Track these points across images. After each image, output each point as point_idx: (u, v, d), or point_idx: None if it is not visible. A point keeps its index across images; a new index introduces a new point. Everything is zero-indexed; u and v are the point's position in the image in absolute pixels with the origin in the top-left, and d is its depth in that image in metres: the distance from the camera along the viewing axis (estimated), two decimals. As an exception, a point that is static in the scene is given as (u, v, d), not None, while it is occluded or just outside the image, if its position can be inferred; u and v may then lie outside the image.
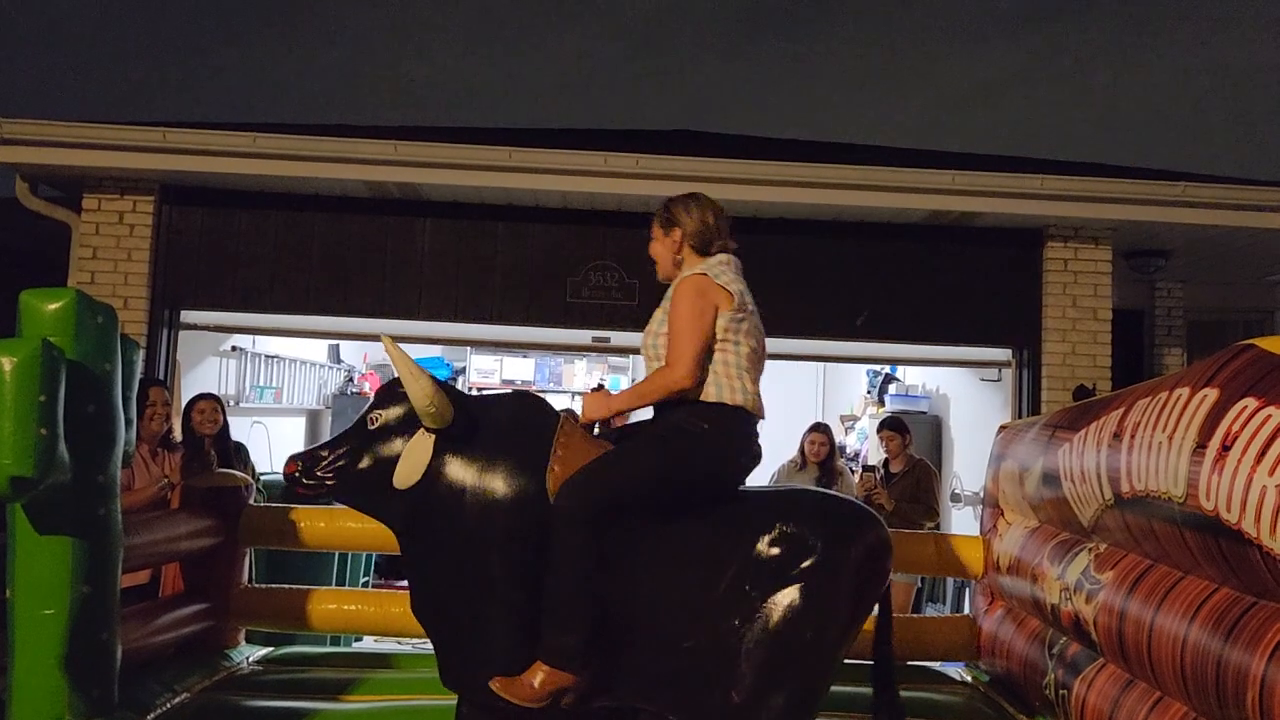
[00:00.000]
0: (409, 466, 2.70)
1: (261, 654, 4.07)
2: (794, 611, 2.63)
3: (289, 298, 6.36)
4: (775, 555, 2.68)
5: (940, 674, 4.14)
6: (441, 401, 2.65)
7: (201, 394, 5.10)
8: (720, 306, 2.73)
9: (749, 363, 2.78)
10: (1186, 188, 6.09)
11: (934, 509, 5.98)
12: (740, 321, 2.76)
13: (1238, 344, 2.33)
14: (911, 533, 4.63)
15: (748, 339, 2.78)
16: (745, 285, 2.85)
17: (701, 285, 2.75)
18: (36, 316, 2.69)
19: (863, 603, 2.78)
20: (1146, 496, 2.50)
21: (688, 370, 2.68)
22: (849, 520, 2.82)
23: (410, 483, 2.71)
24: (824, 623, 2.66)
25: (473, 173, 5.96)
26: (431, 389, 2.64)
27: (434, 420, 2.67)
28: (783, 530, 2.70)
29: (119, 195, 6.16)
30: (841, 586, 2.70)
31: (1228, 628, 2.20)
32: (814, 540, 2.69)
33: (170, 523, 3.69)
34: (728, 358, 2.74)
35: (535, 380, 10.39)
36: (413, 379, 2.64)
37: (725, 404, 2.73)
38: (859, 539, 2.76)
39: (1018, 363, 6.57)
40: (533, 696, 2.54)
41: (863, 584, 2.75)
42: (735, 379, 2.74)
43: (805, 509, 2.81)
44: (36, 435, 2.45)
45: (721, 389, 2.73)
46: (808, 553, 2.68)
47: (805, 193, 6.06)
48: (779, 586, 2.66)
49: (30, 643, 2.68)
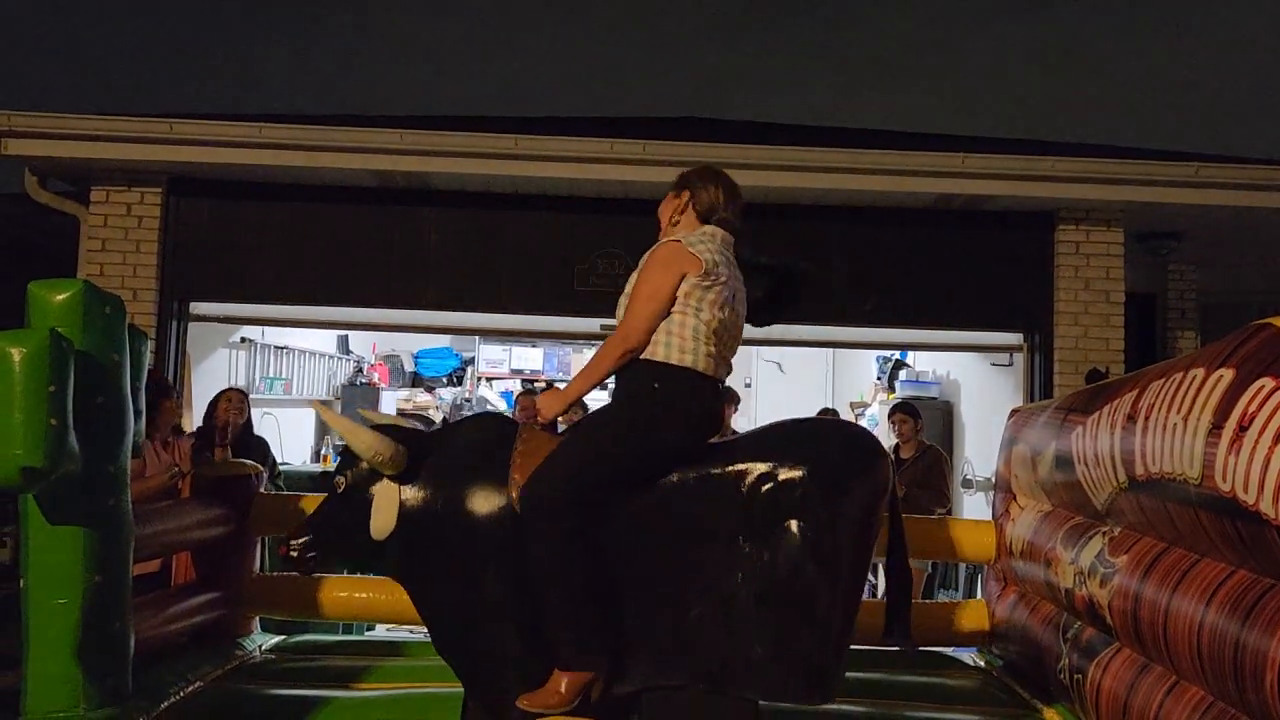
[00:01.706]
0: (381, 517, 2.75)
1: (274, 642, 4.08)
2: (794, 551, 2.57)
3: (297, 288, 6.36)
4: (762, 498, 2.61)
5: (953, 659, 4.13)
6: (387, 448, 2.69)
7: (231, 386, 5.16)
8: (688, 272, 2.70)
9: (711, 331, 2.71)
10: (1199, 168, 6.03)
11: (945, 495, 5.97)
12: (707, 289, 2.70)
13: (1253, 323, 2.30)
14: (923, 518, 4.62)
15: (713, 308, 2.71)
16: (728, 260, 2.80)
17: (671, 251, 2.75)
18: (45, 307, 2.69)
19: (866, 525, 2.69)
20: (1161, 479, 2.48)
21: (636, 332, 2.69)
22: (831, 442, 2.74)
23: (387, 531, 2.75)
24: (828, 555, 2.58)
25: (480, 161, 5.94)
26: (372, 439, 2.69)
27: (388, 467, 2.72)
28: (764, 471, 2.63)
29: (127, 187, 6.16)
30: (838, 512, 2.61)
31: (1245, 610, 2.18)
32: (799, 473, 2.61)
33: (181, 512, 3.70)
34: (686, 320, 2.70)
35: (544, 369, 10.40)
36: (352, 435, 2.72)
37: (671, 363, 2.69)
38: (846, 459, 2.69)
39: (1029, 347, 6.53)
40: (562, 702, 2.52)
41: (862, 504, 2.67)
42: (689, 340, 2.69)
43: (783, 442, 2.73)
44: (46, 426, 2.45)
45: (670, 349, 2.69)
46: (794, 486, 2.60)
47: (813, 177, 6.02)
48: (772, 530, 2.59)
49: (44, 632, 2.68)
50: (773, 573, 2.58)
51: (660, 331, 2.71)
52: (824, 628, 2.59)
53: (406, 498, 2.75)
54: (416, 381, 10.71)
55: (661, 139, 6.01)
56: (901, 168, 6.01)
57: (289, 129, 5.94)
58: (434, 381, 10.67)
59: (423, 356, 10.73)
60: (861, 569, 2.70)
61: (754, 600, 2.59)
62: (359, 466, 2.78)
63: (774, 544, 2.59)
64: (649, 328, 2.70)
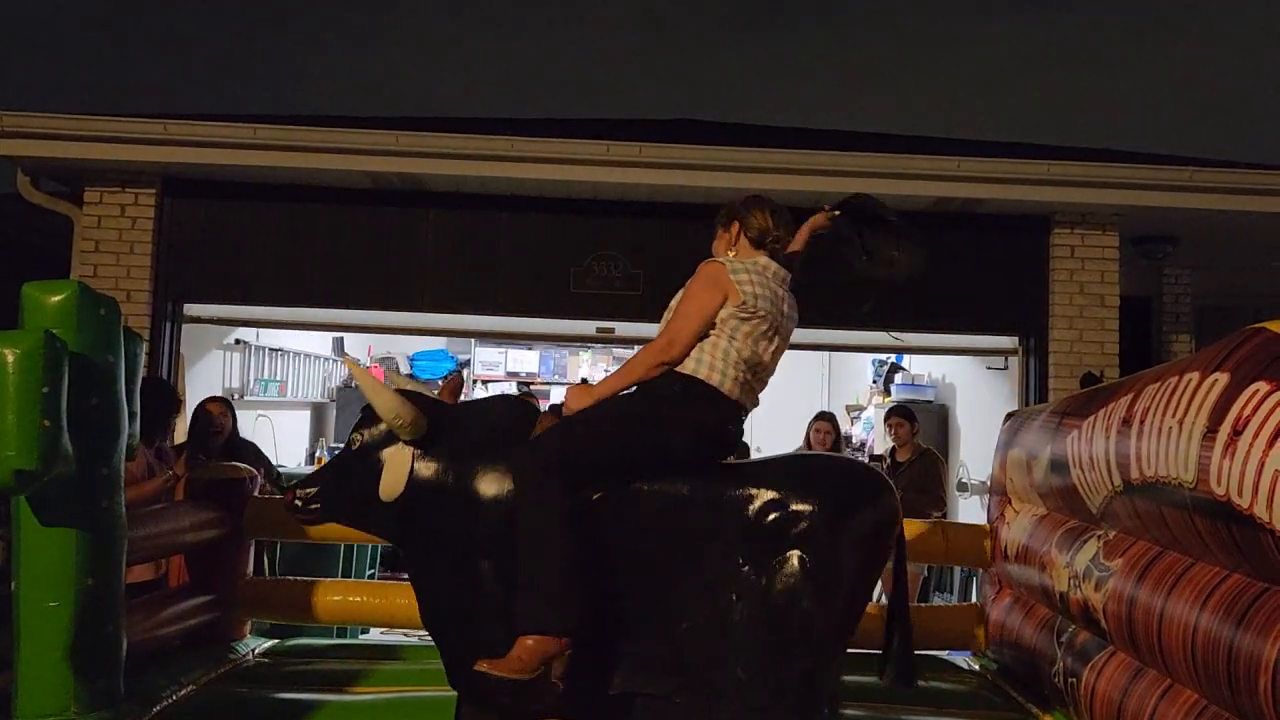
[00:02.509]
0: (391, 479, 2.75)
1: (268, 646, 4.07)
2: (791, 582, 2.58)
3: (292, 290, 6.35)
4: (767, 525, 2.63)
5: (948, 663, 4.13)
6: (408, 413, 2.69)
7: (212, 396, 5.13)
8: (729, 299, 2.75)
9: (742, 359, 2.76)
10: (1194, 172, 6.05)
11: (941, 498, 5.97)
12: (743, 320, 2.75)
13: (1248, 328, 2.30)
14: (919, 521, 4.62)
15: (748, 339, 2.76)
16: (774, 293, 2.83)
17: (716, 272, 2.79)
18: (39, 309, 2.68)
19: (868, 568, 2.71)
20: (1156, 482, 2.48)
21: (677, 345, 2.74)
22: (846, 483, 2.75)
23: (394, 494, 2.75)
24: (825, 592, 2.59)
25: (475, 163, 5.94)
26: (395, 402, 2.69)
27: (406, 432, 2.72)
28: (773, 498, 2.65)
29: (120, 188, 6.15)
30: (841, 553, 2.62)
31: (1239, 614, 2.18)
32: (807, 506, 2.63)
33: (174, 514, 3.69)
34: (719, 343, 2.75)
35: (540, 371, 10.40)
36: (375, 395, 2.72)
37: (699, 377, 2.73)
38: (858, 502, 2.70)
39: (1024, 350, 6.54)
40: (520, 668, 2.48)
41: (866, 548, 2.68)
42: (719, 361, 2.74)
43: (798, 474, 2.75)
44: (40, 427, 2.44)
45: (700, 364, 2.74)
46: (800, 520, 2.62)
47: (809, 180, 6.02)
48: (773, 558, 2.61)
49: (35, 635, 2.67)
50: (767, 599, 2.60)
51: (696, 349, 2.76)
52: (812, 659, 2.60)
53: (419, 466, 2.75)
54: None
55: (658, 141, 6.01)
56: (897, 171, 6.01)
57: (284, 130, 5.93)
58: (429, 384, 10.63)
59: (418, 359, 10.72)
60: (857, 609, 2.72)
61: (745, 622, 2.60)
62: (377, 427, 2.78)
63: (772, 571, 2.61)
64: (690, 343, 2.75)
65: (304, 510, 2.84)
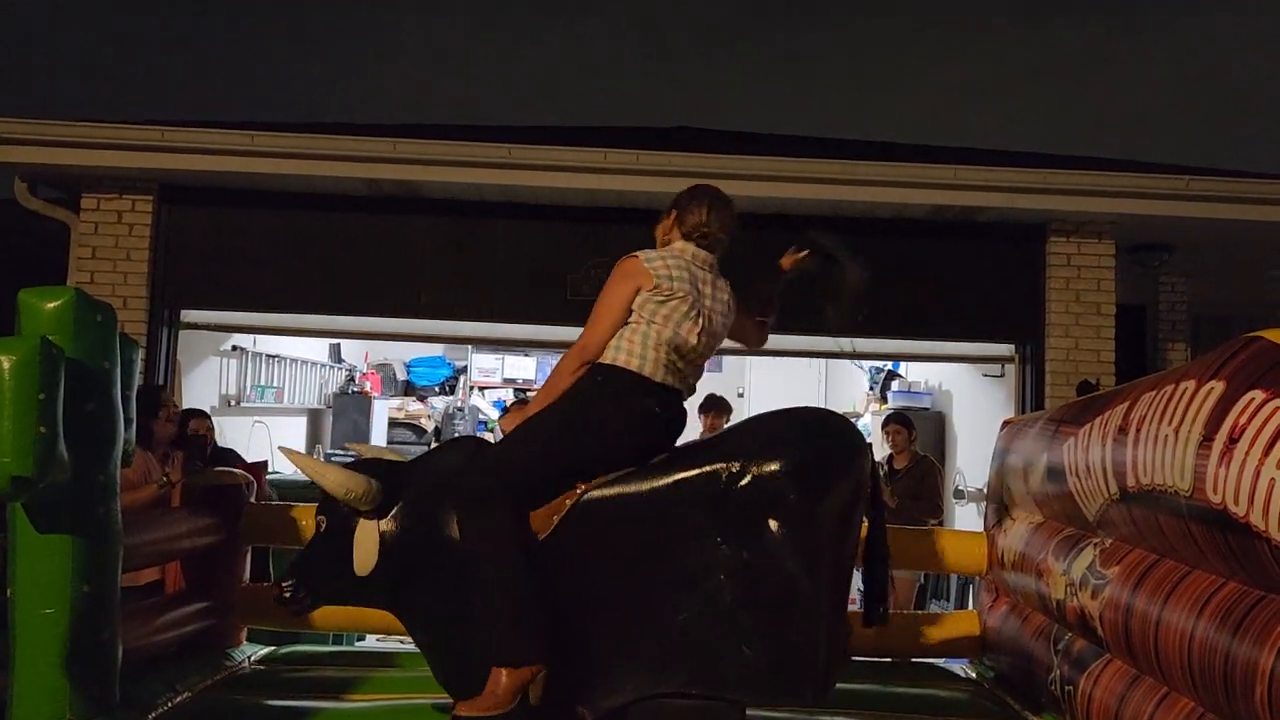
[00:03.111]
0: (363, 553, 2.75)
1: (264, 653, 4.06)
2: (773, 548, 2.53)
3: (289, 296, 6.35)
4: (736, 495, 2.57)
5: (945, 670, 4.13)
6: (358, 484, 2.69)
7: (193, 409, 5.16)
8: (641, 286, 2.76)
9: (663, 341, 2.74)
10: (1190, 181, 6.07)
11: (938, 505, 5.97)
12: (660, 303, 2.75)
13: (1244, 336, 2.31)
14: (915, 529, 4.62)
15: (668, 321, 2.75)
16: (693, 275, 2.82)
17: (626, 267, 2.80)
18: (35, 315, 2.68)
19: (846, 519, 2.65)
20: (1153, 490, 2.48)
21: (593, 343, 2.77)
22: (807, 434, 2.67)
23: (369, 567, 2.75)
24: (809, 549, 2.53)
25: (472, 170, 5.95)
26: (343, 477, 2.69)
27: (364, 503, 2.72)
28: (737, 468, 2.59)
29: (118, 195, 6.15)
30: (816, 508, 2.56)
31: (1235, 622, 2.18)
32: (772, 467, 2.56)
33: (171, 521, 3.68)
34: (637, 328, 2.76)
35: (537, 378, 10.39)
36: (321, 475, 2.71)
37: (618, 365, 2.74)
38: (824, 451, 2.64)
39: (1021, 358, 6.55)
40: (498, 704, 2.49)
41: (841, 498, 2.61)
42: (638, 346, 2.74)
43: (756, 436, 2.69)
44: (36, 433, 2.43)
45: (619, 351, 2.76)
46: (768, 483, 2.55)
47: (805, 188, 6.04)
48: (750, 528, 2.55)
49: (31, 642, 2.67)
50: (753, 571, 2.55)
51: (614, 338, 2.78)
52: (811, 622, 2.54)
53: (385, 530, 2.74)
54: (409, 390, 10.68)
55: (655, 149, 6.03)
56: (894, 179, 6.03)
57: (280, 137, 5.94)
58: (426, 390, 10.65)
59: (415, 365, 10.72)
60: (847, 560, 2.68)
61: (738, 600, 2.55)
62: (337, 506, 2.76)
63: (752, 542, 2.56)
64: (604, 339, 2.78)
65: (294, 602, 2.80)
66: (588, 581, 2.65)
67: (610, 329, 2.77)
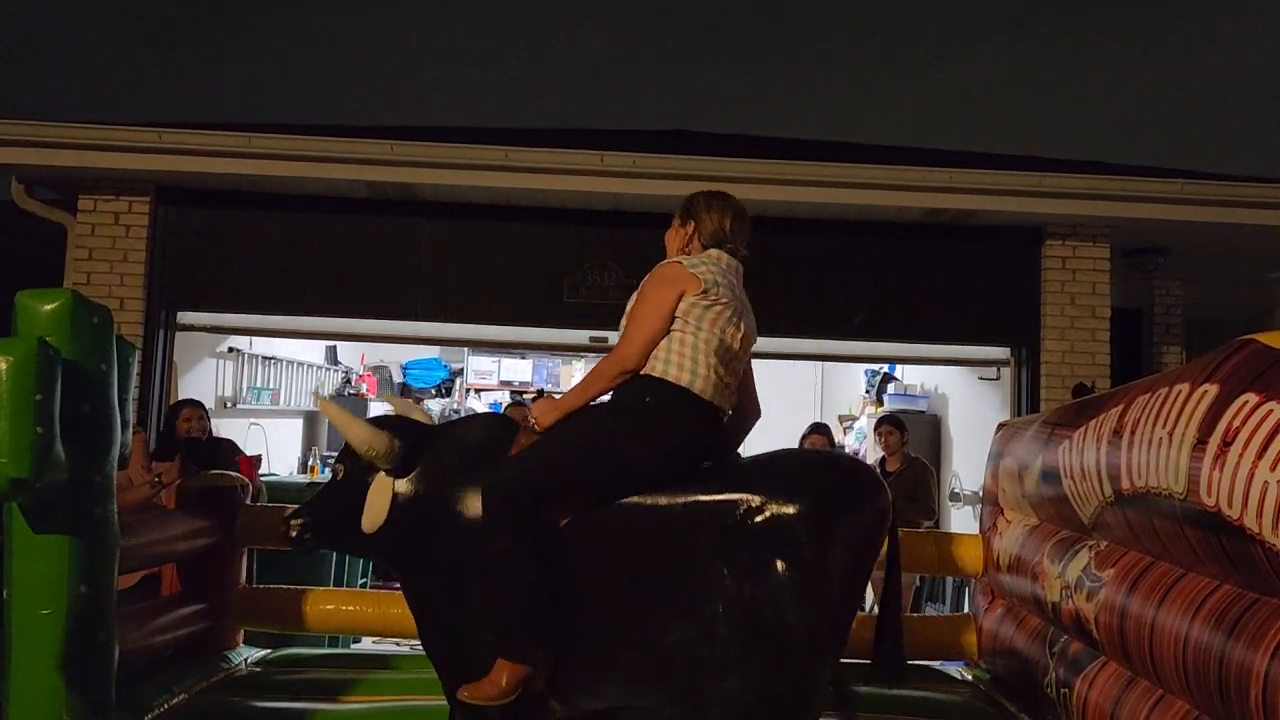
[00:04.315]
0: (373, 509, 2.76)
1: (260, 655, 4.05)
2: (777, 591, 2.50)
3: (286, 299, 6.35)
4: (749, 531, 2.55)
5: (940, 673, 4.13)
6: (380, 442, 2.70)
7: (186, 399, 5.14)
8: (686, 291, 2.67)
9: (711, 351, 2.67)
10: (1185, 184, 6.09)
11: (931, 508, 5.97)
12: (707, 307, 2.67)
13: (1238, 339, 2.31)
14: (910, 531, 4.62)
15: (714, 328, 2.68)
16: (731, 282, 2.78)
17: (670, 272, 2.72)
18: (32, 317, 2.68)
19: (856, 571, 2.61)
20: (1147, 493, 2.49)
21: (632, 352, 2.66)
22: (831, 482, 2.63)
23: (377, 524, 2.76)
24: (812, 599, 2.51)
25: (469, 172, 5.95)
26: (368, 433, 2.71)
27: (384, 461, 2.73)
28: (755, 503, 2.55)
29: (115, 196, 6.15)
30: (827, 557, 2.52)
31: (1230, 625, 2.19)
32: (789, 509, 2.53)
33: (166, 523, 3.68)
34: (685, 338, 2.67)
35: (533, 381, 10.39)
36: (347, 427, 2.73)
37: (668, 380, 2.64)
38: (843, 502, 2.59)
39: (1016, 361, 6.56)
40: (499, 694, 2.50)
41: (853, 551, 2.58)
42: (687, 359, 2.65)
43: (780, 474, 2.63)
44: (32, 434, 2.44)
45: (669, 365, 2.65)
46: (783, 524, 2.52)
47: (802, 191, 6.05)
48: (757, 564, 2.53)
49: (27, 643, 2.66)
50: (754, 607, 2.53)
51: (660, 349, 2.68)
52: (804, 669, 2.54)
53: (400, 491, 2.75)
54: (405, 392, 10.66)
55: (651, 152, 6.03)
56: (890, 182, 6.04)
57: (278, 139, 5.94)
58: (422, 393, 10.64)
59: (411, 367, 10.71)
60: (847, 614, 2.65)
61: (733, 632, 2.54)
62: (358, 458, 2.78)
63: (757, 579, 2.53)
64: (645, 347, 2.67)
65: (299, 541, 2.84)
66: (587, 581, 2.64)
67: (653, 338, 2.66)
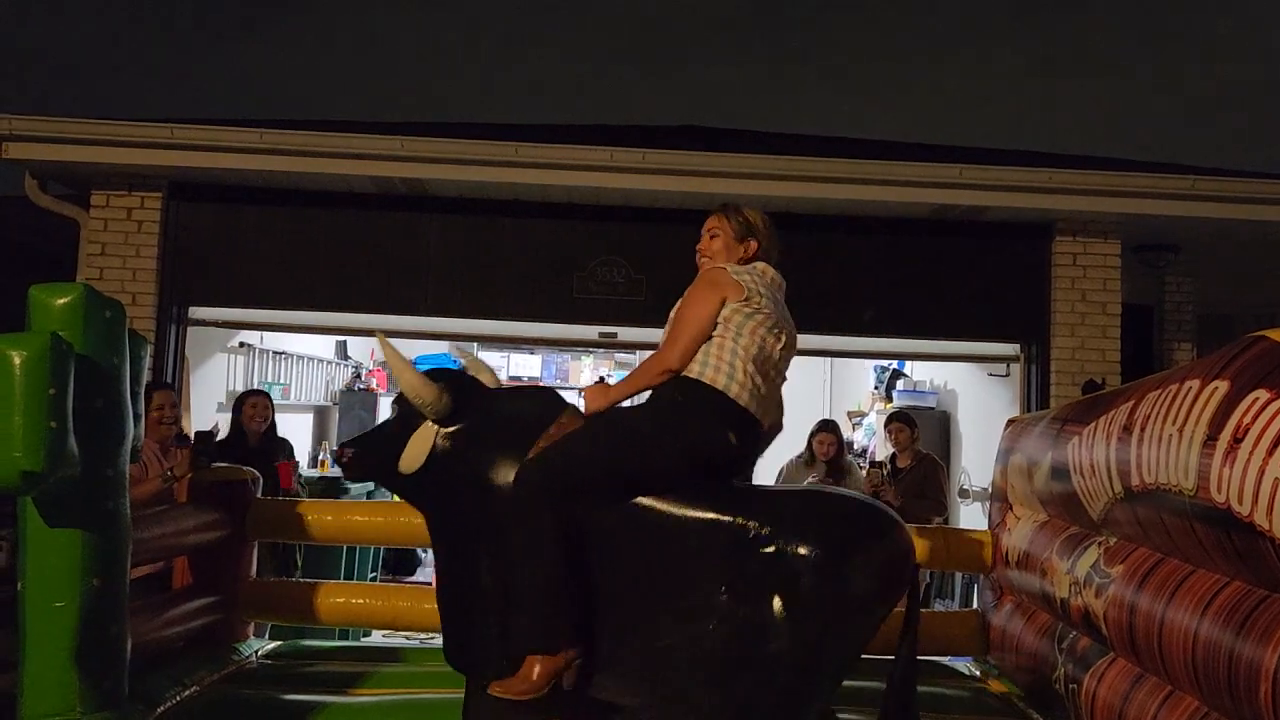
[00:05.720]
0: (412, 453, 2.84)
1: (270, 648, 4.08)
2: (767, 623, 2.50)
3: (296, 294, 6.37)
4: (754, 561, 2.54)
5: (949, 668, 4.13)
6: (429, 393, 2.77)
7: (252, 389, 5.22)
8: (729, 297, 2.74)
9: (750, 358, 2.71)
10: (1196, 181, 6.06)
11: (941, 504, 5.96)
12: (749, 315, 2.73)
13: (1248, 335, 2.31)
14: (920, 527, 4.62)
15: (754, 335, 2.73)
16: (775, 296, 2.85)
17: (715, 276, 2.80)
18: (45, 311, 2.70)
19: (863, 618, 2.58)
20: (1157, 490, 2.49)
21: (676, 354, 2.73)
22: (845, 532, 2.60)
23: (413, 468, 2.84)
24: (807, 639, 2.49)
25: (479, 168, 5.96)
26: (418, 382, 2.78)
27: (429, 411, 2.80)
28: (766, 534, 2.55)
29: (127, 192, 6.17)
30: (826, 602, 2.50)
31: (1239, 621, 2.19)
32: (797, 551, 2.52)
33: (178, 516, 3.70)
34: (724, 343, 2.72)
35: (542, 376, 10.41)
36: (400, 373, 2.82)
37: (704, 381, 2.69)
38: (853, 553, 2.56)
39: (1026, 358, 6.54)
40: (531, 688, 2.52)
41: (854, 604, 2.55)
42: (725, 363, 2.69)
43: (799, 514, 2.62)
44: (46, 429, 2.45)
45: (706, 367, 2.71)
46: (788, 563, 2.51)
47: (812, 187, 6.04)
48: (754, 595, 2.52)
49: (41, 635, 2.69)
50: (746, 633, 2.52)
51: (700, 352, 2.73)
52: (781, 700, 2.51)
53: (440, 444, 2.81)
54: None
55: (661, 148, 6.03)
56: (900, 178, 6.03)
57: (289, 135, 5.95)
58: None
59: (421, 362, 10.74)
60: (845, 661, 2.61)
61: (721, 651, 2.54)
62: (408, 402, 2.87)
63: (754, 606, 2.53)
64: (689, 350, 2.73)
65: (347, 467, 2.98)
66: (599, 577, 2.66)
67: (695, 340, 2.72)
